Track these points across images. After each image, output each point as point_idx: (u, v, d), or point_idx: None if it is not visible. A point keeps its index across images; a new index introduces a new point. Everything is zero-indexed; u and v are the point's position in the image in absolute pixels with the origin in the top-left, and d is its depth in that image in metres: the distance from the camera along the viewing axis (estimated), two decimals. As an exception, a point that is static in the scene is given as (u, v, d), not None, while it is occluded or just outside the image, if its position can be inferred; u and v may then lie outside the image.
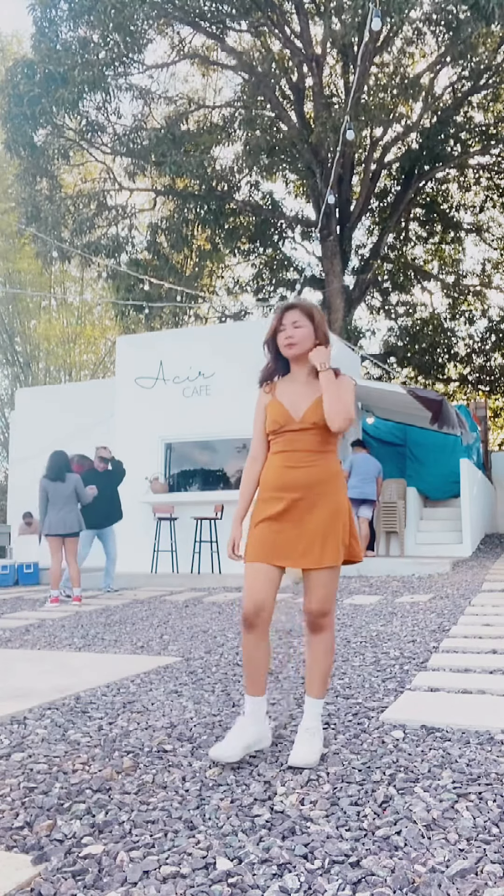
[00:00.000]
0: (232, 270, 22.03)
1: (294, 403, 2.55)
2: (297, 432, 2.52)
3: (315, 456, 2.52)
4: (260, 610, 2.46)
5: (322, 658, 2.57)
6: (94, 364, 25.13)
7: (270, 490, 2.54)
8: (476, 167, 19.24)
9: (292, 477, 2.50)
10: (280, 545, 2.49)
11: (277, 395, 2.61)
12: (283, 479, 2.51)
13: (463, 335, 21.73)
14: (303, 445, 2.52)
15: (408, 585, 7.76)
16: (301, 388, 2.59)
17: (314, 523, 2.48)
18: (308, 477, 2.50)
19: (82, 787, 2.27)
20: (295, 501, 2.49)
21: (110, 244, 16.43)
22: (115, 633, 5.64)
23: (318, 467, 2.52)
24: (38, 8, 13.92)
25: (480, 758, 2.41)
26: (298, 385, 2.61)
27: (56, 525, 7.68)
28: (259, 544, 2.50)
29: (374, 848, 1.78)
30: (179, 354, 10.54)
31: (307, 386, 2.59)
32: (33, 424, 12.46)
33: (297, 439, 2.52)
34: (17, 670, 4.23)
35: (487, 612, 5.54)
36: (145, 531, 10.26)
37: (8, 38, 21.84)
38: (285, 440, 2.54)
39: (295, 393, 2.58)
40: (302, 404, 2.54)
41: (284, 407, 2.56)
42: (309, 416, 2.51)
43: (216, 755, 2.37)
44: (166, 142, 15.08)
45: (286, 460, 2.53)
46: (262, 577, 2.48)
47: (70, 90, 13.39)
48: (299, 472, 2.50)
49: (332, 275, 15.73)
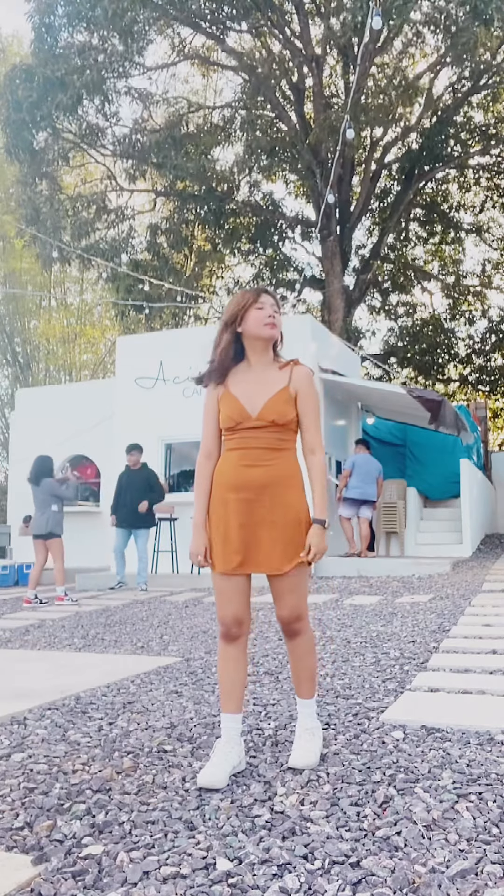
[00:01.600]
0: (232, 271, 22.05)
1: (249, 398, 2.39)
2: (254, 430, 2.37)
3: (273, 454, 2.37)
4: (240, 621, 2.38)
5: (305, 659, 2.48)
6: (94, 364, 25.13)
7: (226, 490, 2.38)
8: (476, 167, 19.24)
9: (249, 476, 2.36)
10: (241, 553, 2.35)
11: (230, 387, 2.43)
12: (240, 479, 2.36)
13: (463, 335, 21.75)
14: (259, 443, 2.37)
15: (408, 586, 7.76)
16: (256, 379, 2.43)
17: (275, 526, 2.35)
18: (265, 476, 2.35)
19: (82, 788, 2.26)
20: (252, 502, 2.35)
21: (110, 246, 16.44)
22: (115, 633, 5.64)
23: (276, 466, 2.37)
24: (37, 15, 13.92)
25: (480, 758, 2.41)
26: (253, 376, 2.44)
27: (34, 527, 8.11)
28: (223, 552, 2.37)
29: (374, 848, 1.78)
30: (179, 354, 10.53)
31: (262, 378, 2.43)
32: (33, 424, 12.47)
33: (254, 437, 2.37)
34: (16, 670, 4.23)
35: (487, 613, 5.53)
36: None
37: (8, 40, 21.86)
38: (241, 437, 2.39)
39: (250, 386, 2.41)
40: (258, 400, 2.38)
41: (239, 402, 2.39)
42: (266, 412, 2.36)
43: (206, 782, 2.20)
44: (166, 144, 15.09)
45: (242, 458, 2.37)
46: (234, 587, 2.37)
47: (69, 94, 13.40)
48: (256, 472, 2.36)
49: (332, 275, 15.74)
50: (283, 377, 2.43)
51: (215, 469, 2.46)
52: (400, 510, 11.47)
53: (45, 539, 8.03)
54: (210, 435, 2.48)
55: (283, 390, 2.40)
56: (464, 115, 17.31)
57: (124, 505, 8.78)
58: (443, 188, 19.94)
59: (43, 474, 8.11)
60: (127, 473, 8.98)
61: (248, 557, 2.36)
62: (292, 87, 15.86)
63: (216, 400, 2.46)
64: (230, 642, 2.40)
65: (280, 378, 2.43)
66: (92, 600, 8.00)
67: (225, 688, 2.40)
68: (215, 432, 2.48)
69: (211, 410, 2.48)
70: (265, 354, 2.47)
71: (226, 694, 2.40)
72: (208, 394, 2.49)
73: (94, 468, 12.24)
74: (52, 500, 8.04)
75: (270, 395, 2.38)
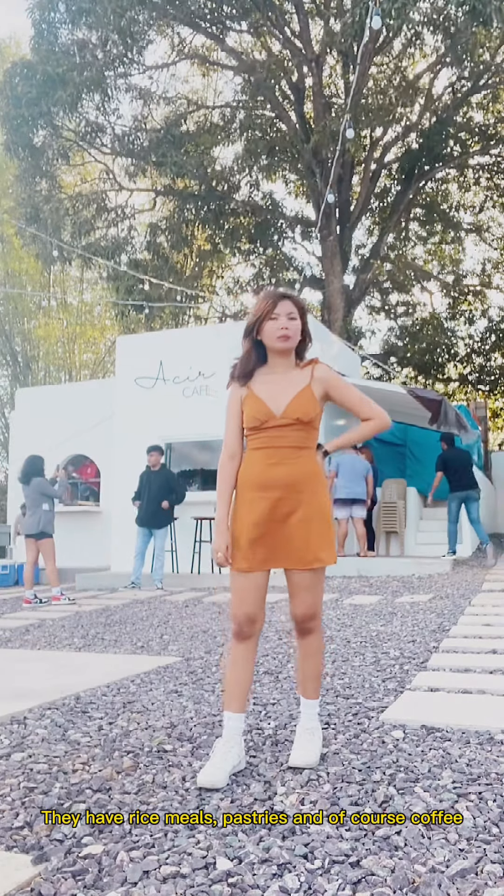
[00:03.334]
0: (232, 270, 22.04)
1: (273, 398, 2.43)
2: (279, 428, 2.41)
3: (297, 452, 2.42)
4: (253, 620, 2.40)
5: (313, 658, 2.51)
6: (94, 364, 25.13)
7: (252, 489, 2.42)
8: (476, 167, 19.24)
9: (276, 474, 2.40)
10: (267, 548, 2.40)
11: (254, 388, 2.47)
12: (266, 477, 2.40)
13: (463, 335, 21.76)
14: (285, 442, 2.41)
15: (408, 585, 7.76)
16: (279, 380, 2.47)
17: (300, 523, 2.39)
18: (291, 474, 2.40)
19: (82, 787, 2.26)
20: (278, 500, 2.39)
21: (110, 245, 16.43)
22: (115, 633, 5.64)
23: (301, 464, 2.41)
24: (37, 11, 13.91)
25: (480, 758, 2.41)
26: (276, 377, 2.48)
27: (25, 526, 8.14)
28: (247, 550, 2.40)
29: (374, 848, 1.78)
30: (179, 354, 10.53)
31: (285, 379, 2.47)
32: (33, 424, 12.47)
33: (279, 435, 2.41)
34: (16, 670, 4.23)
35: (487, 612, 5.53)
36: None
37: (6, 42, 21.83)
38: (266, 436, 2.43)
39: (274, 386, 2.45)
40: (282, 399, 2.42)
41: (263, 402, 2.43)
42: (291, 411, 2.40)
43: (205, 782, 2.21)
44: (166, 142, 15.09)
45: (268, 457, 2.42)
46: (252, 586, 2.40)
47: (69, 91, 13.39)
48: (283, 469, 2.40)
49: (332, 275, 15.74)
50: (305, 376, 2.47)
51: (239, 469, 2.49)
52: (400, 510, 11.47)
53: (36, 539, 8.03)
54: (233, 436, 2.52)
55: (305, 388, 2.44)
56: (463, 116, 17.30)
57: (144, 505, 8.88)
58: (443, 188, 19.93)
59: (33, 473, 8.10)
60: (147, 474, 9.06)
61: (273, 553, 2.40)
62: (292, 87, 15.86)
63: (240, 401, 2.50)
64: (242, 641, 2.41)
65: (302, 377, 2.47)
66: (92, 600, 8.00)
67: (230, 687, 2.41)
68: (238, 433, 2.52)
69: (234, 411, 2.51)
70: (286, 358, 2.51)
71: (230, 693, 2.40)
72: (231, 395, 2.53)
73: (94, 468, 12.23)
74: (42, 500, 8.04)
75: (294, 394, 2.43)
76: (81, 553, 11.03)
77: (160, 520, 8.88)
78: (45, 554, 8.05)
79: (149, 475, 9.05)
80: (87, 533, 11.35)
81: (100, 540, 11.05)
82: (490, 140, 17.66)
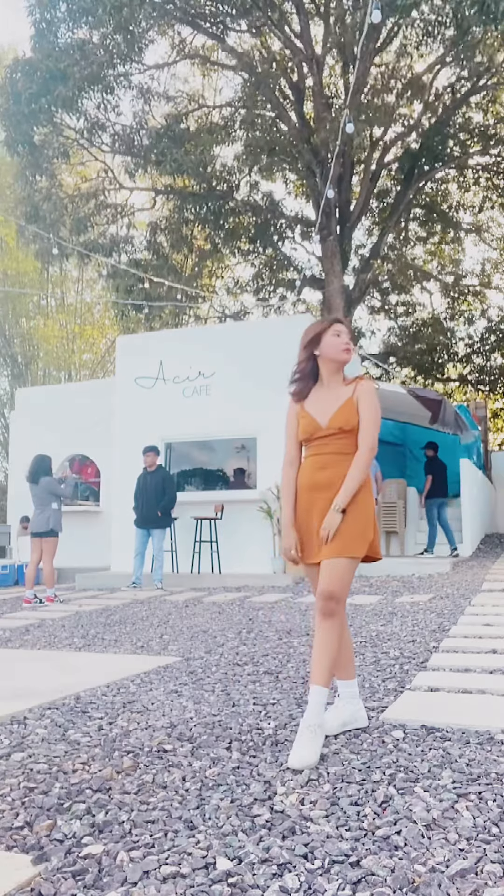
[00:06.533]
0: (232, 270, 22.02)
1: (321, 412, 2.77)
2: (325, 438, 2.76)
3: (340, 457, 2.73)
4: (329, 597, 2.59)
5: (327, 643, 2.56)
6: (94, 364, 25.12)
7: (304, 491, 2.77)
8: (476, 167, 19.22)
9: (321, 477, 2.73)
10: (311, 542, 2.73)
11: (307, 405, 2.83)
12: (314, 480, 2.75)
13: (462, 335, 21.75)
14: (329, 449, 2.75)
15: (408, 585, 7.76)
16: (327, 395, 2.81)
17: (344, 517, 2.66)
18: (333, 476, 2.71)
19: (82, 787, 2.27)
20: (323, 500, 2.69)
21: (108, 242, 16.41)
22: (115, 633, 5.64)
23: (343, 468, 2.71)
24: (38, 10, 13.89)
25: (480, 757, 2.41)
26: (324, 394, 2.82)
27: (33, 525, 8.15)
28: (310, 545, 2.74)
29: (374, 848, 1.78)
30: (179, 354, 10.53)
31: (333, 395, 2.80)
32: (33, 424, 12.46)
33: (325, 444, 2.76)
34: (17, 670, 4.23)
35: (487, 612, 5.54)
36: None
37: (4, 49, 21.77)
38: (315, 446, 2.79)
39: (321, 403, 2.80)
40: (328, 411, 2.76)
41: (313, 417, 2.79)
42: (334, 421, 2.74)
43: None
44: (166, 140, 15.07)
45: (316, 463, 2.77)
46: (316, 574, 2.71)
47: (70, 87, 13.36)
48: (326, 473, 2.73)
49: (331, 275, 15.72)
50: (349, 391, 2.80)
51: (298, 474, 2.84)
52: (400, 510, 11.47)
53: (43, 537, 8.06)
54: (292, 445, 2.89)
55: (348, 401, 2.77)
56: (463, 116, 17.30)
57: (140, 506, 8.90)
58: (442, 188, 19.91)
59: (41, 473, 8.13)
60: (143, 475, 9.06)
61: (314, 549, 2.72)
62: (292, 87, 15.84)
63: (296, 416, 2.87)
64: (326, 618, 2.59)
65: (346, 392, 2.80)
66: (92, 600, 8.00)
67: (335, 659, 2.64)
68: (296, 443, 2.88)
69: (292, 425, 2.89)
70: (337, 375, 2.85)
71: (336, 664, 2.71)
72: (290, 410, 2.91)
73: (95, 468, 12.23)
74: (51, 499, 8.08)
75: (338, 407, 2.77)
76: (81, 553, 11.03)
77: (158, 520, 8.89)
78: (47, 552, 8.06)
79: (145, 476, 9.06)
80: (87, 533, 11.35)
81: (100, 540, 11.05)
82: (489, 140, 17.65)
